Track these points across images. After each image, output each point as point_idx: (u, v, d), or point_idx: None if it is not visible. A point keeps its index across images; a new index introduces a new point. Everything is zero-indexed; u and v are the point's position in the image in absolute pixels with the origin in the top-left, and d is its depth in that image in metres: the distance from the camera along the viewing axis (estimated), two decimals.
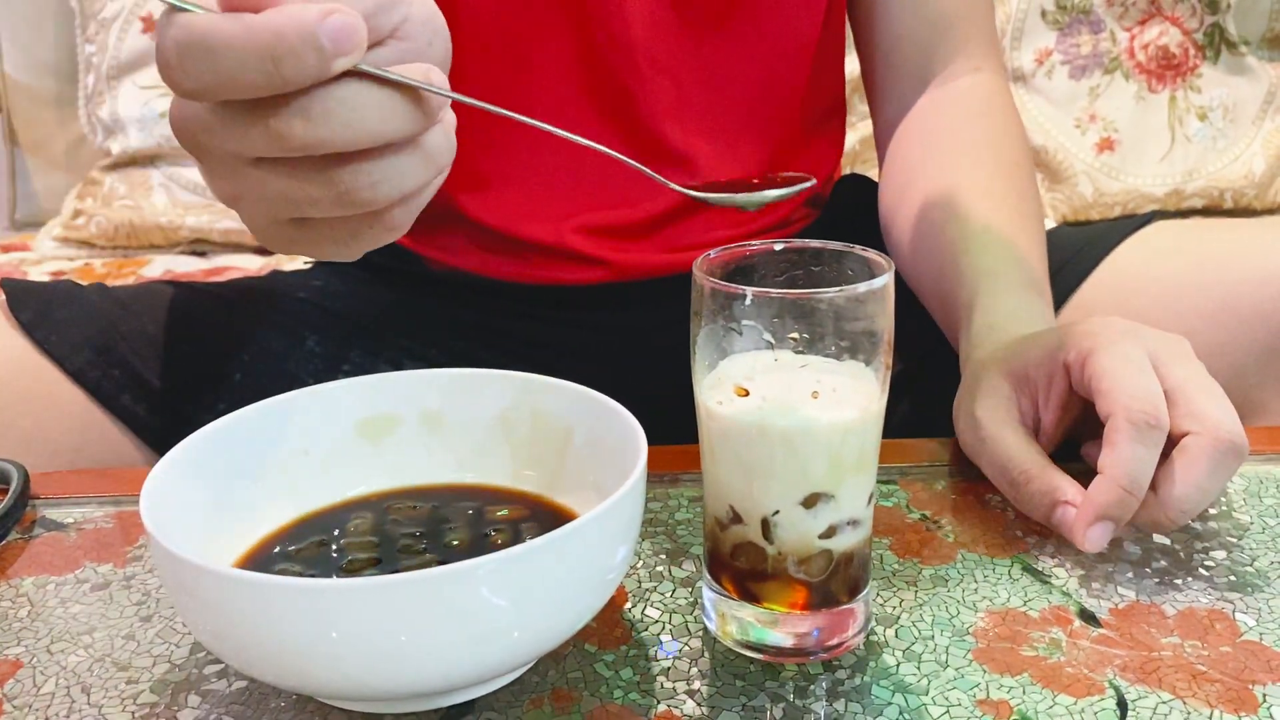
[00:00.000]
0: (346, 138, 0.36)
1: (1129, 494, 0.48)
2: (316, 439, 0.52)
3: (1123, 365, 0.50)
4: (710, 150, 0.77)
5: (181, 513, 0.45)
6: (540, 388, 0.52)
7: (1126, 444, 0.48)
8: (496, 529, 0.48)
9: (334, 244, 0.40)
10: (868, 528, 0.45)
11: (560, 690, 0.44)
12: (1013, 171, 0.70)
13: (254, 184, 0.38)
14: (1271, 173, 1.56)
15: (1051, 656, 0.45)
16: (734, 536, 0.44)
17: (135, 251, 1.50)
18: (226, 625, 0.39)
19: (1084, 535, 0.49)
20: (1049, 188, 1.57)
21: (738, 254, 0.44)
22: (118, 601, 0.51)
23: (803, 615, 0.45)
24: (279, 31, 0.34)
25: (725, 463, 0.44)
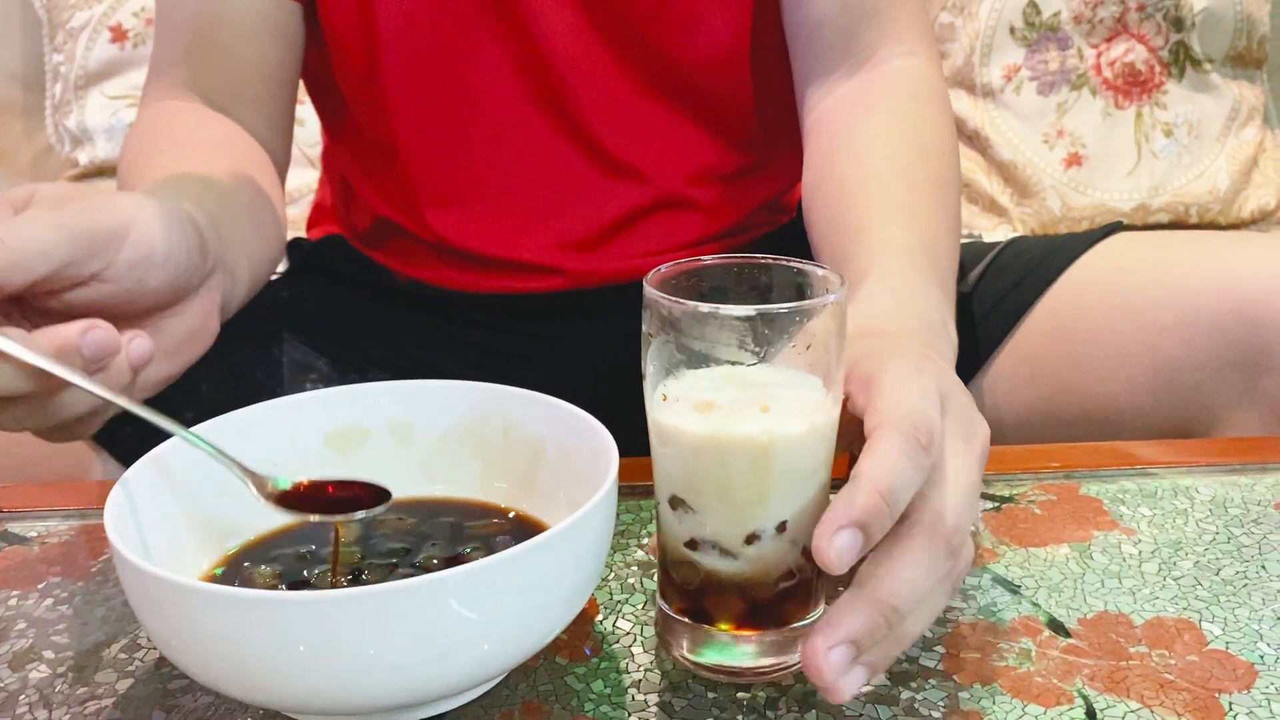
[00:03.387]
0: None
1: (885, 505, 0.39)
2: (286, 451, 0.51)
3: (908, 388, 0.43)
4: (662, 158, 0.77)
5: (147, 526, 0.44)
6: (512, 399, 0.52)
7: (891, 452, 0.40)
8: (475, 543, 0.48)
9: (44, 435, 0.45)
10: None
11: (531, 703, 0.44)
12: (933, 157, 0.67)
13: None
14: (1235, 188, 1.59)
15: (1021, 666, 0.45)
16: (679, 553, 0.44)
17: None
18: (192, 639, 0.39)
19: (829, 543, 0.39)
20: (1018, 202, 1.58)
21: (688, 268, 0.44)
22: (81, 615, 0.50)
23: (751, 635, 0.44)
24: None
25: (673, 477, 0.43)
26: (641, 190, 0.77)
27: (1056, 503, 0.58)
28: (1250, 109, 1.61)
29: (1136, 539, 0.55)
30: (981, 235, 1.55)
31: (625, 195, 0.77)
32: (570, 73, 0.73)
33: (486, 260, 0.78)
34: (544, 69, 0.72)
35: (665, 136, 0.76)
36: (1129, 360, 0.73)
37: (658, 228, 0.79)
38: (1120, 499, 0.58)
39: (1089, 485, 0.60)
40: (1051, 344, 0.77)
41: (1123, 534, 0.55)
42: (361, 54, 0.74)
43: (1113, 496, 0.59)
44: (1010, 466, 0.62)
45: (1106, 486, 0.60)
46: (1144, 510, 0.57)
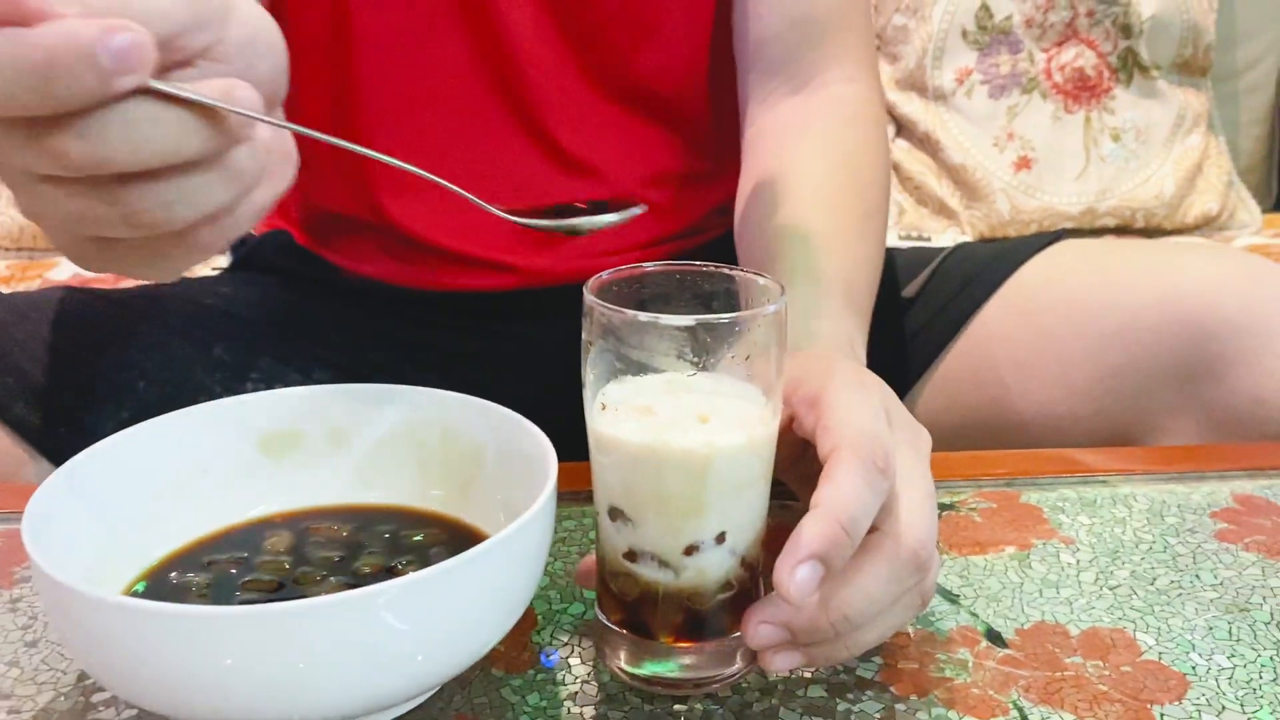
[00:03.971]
0: (129, 158, 0.34)
1: (846, 535, 0.40)
2: (217, 456, 0.50)
3: (858, 408, 0.43)
4: (619, 158, 0.76)
5: (69, 534, 0.43)
6: (451, 404, 0.51)
7: (849, 479, 0.40)
8: (410, 554, 0.47)
9: (141, 264, 0.38)
10: (757, 552, 0.44)
11: (465, 716, 0.43)
12: (863, 187, 0.69)
13: (48, 202, 0.36)
14: (1181, 194, 1.61)
15: (958, 678, 0.45)
16: (617, 564, 0.43)
17: (42, 254, 1.45)
18: (114, 656, 0.38)
19: (790, 576, 0.39)
20: (967, 205, 1.59)
21: (628, 275, 0.44)
22: (2, 625, 0.48)
23: (689, 646, 0.44)
24: (51, 50, 0.32)
25: (612, 487, 0.43)
26: (597, 189, 0.76)
27: (996, 510, 0.58)
28: (1195, 116, 1.63)
29: (1075, 548, 0.55)
30: (931, 238, 1.56)
31: (581, 193, 0.76)
32: (530, 69, 0.72)
33: (440, 252, 0.77)
34: (504, 63, 0.72)
35: (622, 138, 0.76)
36: (1070, 367, 0.74)
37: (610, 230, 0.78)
38: (1060, 507, 0.59)
39: (1029, 493, 0.60)
40: (995, 349, 0.77)
41: (1061, 542, 0.55)
42: (329, 35, 0.72)
43: (1052, 504, 0.59)
44: (952, 473, 0.62)
45: (1046, 494, 0.60)
46: (1083, 519, 0.58)
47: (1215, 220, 1.63)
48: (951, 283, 0.81)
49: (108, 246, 0.38)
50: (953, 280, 0.81)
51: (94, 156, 0.34)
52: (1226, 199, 1.64)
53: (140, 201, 0.35)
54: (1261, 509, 0.59)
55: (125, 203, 0.35)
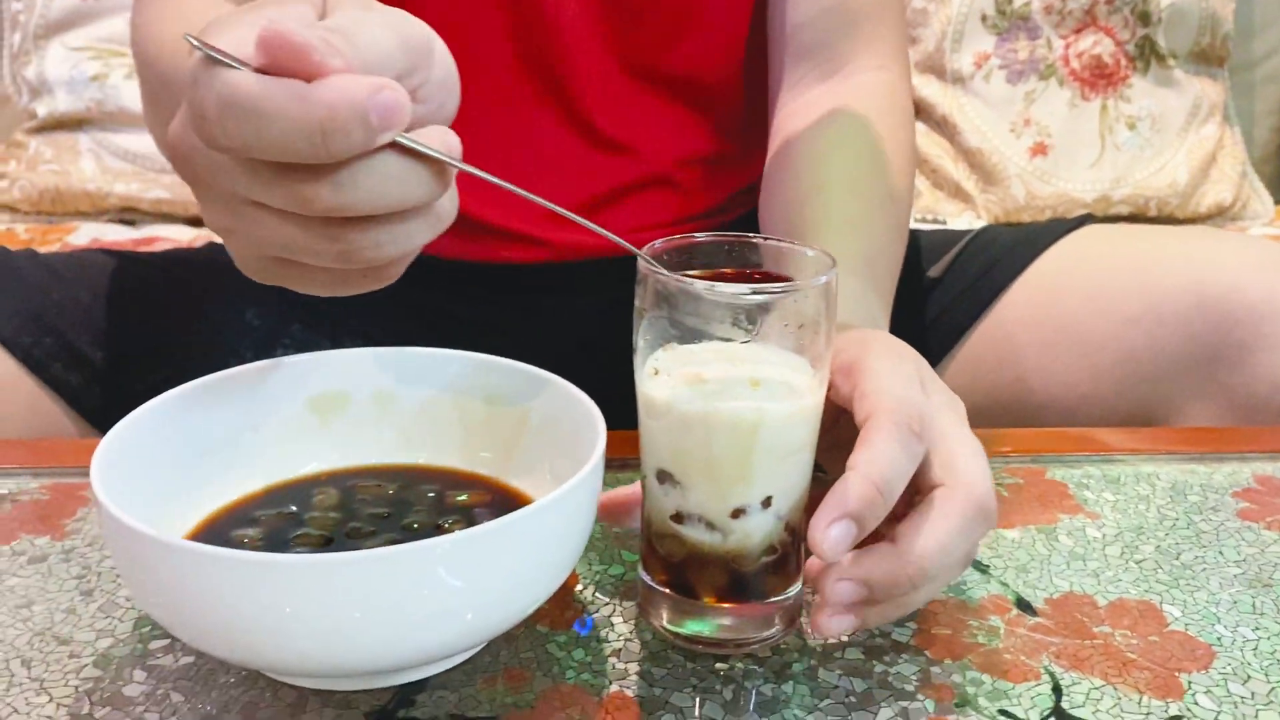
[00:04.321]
0: (370, 206, 0.36)
1: (880, 496, 0.41)
2: (267, 415, 0.51)
3: (893, 375, 0.44)
4: (652, 138, 0.77)
5: (131, 484, 0.44)
6: (496, 369, 0.52)
7: (884, 443, 0.42)
8: (456, 514, 0.48)
9: (318, 286, 0.40)
10: (800, 516, 0.45)
11: (513, 670, 0.44)
12: (888, 173, 0.70)
13: (252, 223, 0.38)
14: (1194, 183, 1.62)
15: (990, 643, 0.47)
16: (664, 526, 0.45)
17: (61, 218, 1.45)
18: (178, 598, 0.39)
19: (824, 534, 0.41)
20: (983, 189, 1.60)
21: (681, 244, 0.45)
22: (57, 575, 0.50)
23: (732, 607, 0.45)
24: (332, 107, 0.33)
25: (661, 451, 0.44)
26: (629, 167, 0.77)
27: (1024, 486, 0.60)
28: (1211, 105, 1.64)
29: (1100, 523, 0.56)
30: (946, 221, 1.57)
31: (612, 171, 0.77)
32: (569, 51, 0.73)
33: (472, 224, 0.78)
34: (541, 41, 0.72)
35: (656, 119, 0.77)
36: (1095, 349, 0.75)
37: (640, 205, 0.79)
38: (1085, 484, 0.60)
39: (1054, 470, 0.61)
40: (1018, 331, 0.78)
41: (1087, 518, 0.57)
42: None
43: (1077, 481, 0.60)
44: None
45: (1071, 471, 0.61)
46: (1108, 495, 0.59)
47: (1228, 210, 1.64)
48: (976, 265, 0.82)
49: (296, 268, 0.39)
50: (977, 262, 0.82)
51: (339, 204, 0.35)
52: (1240, 189, 1.64)
53: (359, 241, 0.37)
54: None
55: (345, 241, 0.37)
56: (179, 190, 1.44)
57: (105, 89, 1.43)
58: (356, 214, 0.36)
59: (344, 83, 0.34)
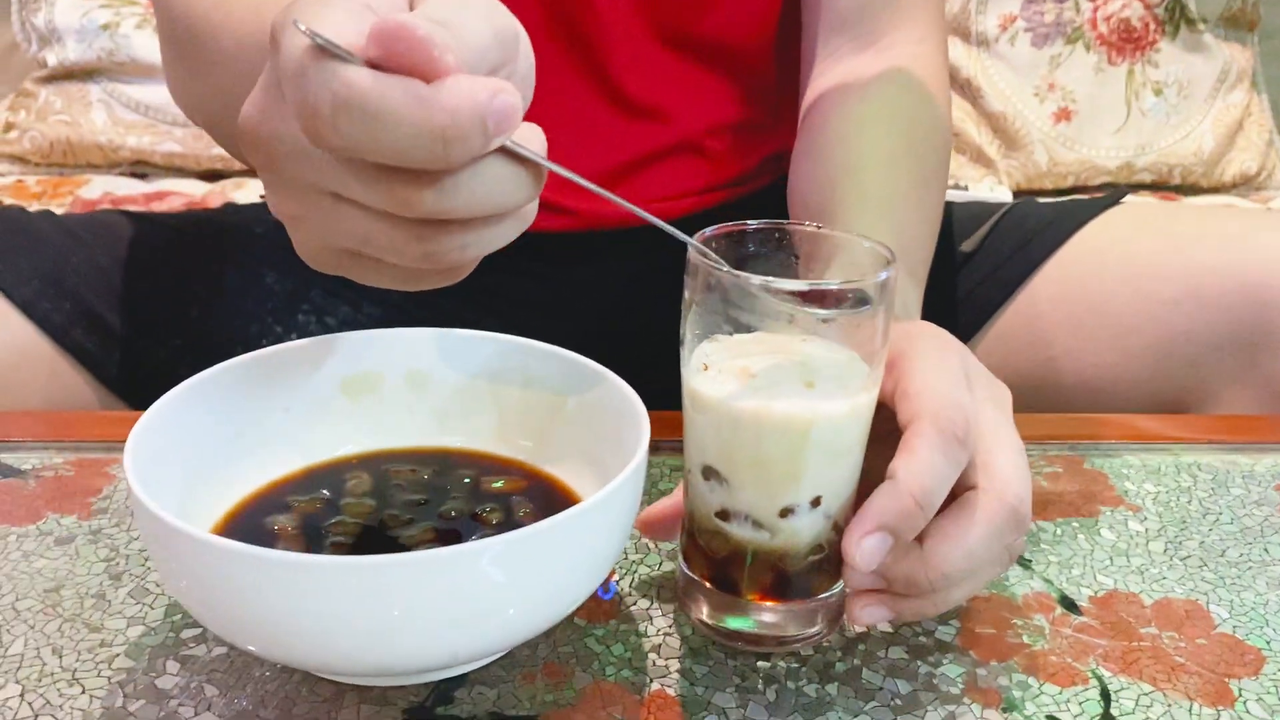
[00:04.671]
0: (471, 211, 0.34)
1: (919, 508, 0.40)
2: (298, 396, 0.50)
3: (938, 373, 0.43)
4: (682, 105, 0.76)
5: (164, 469, 0.43)
6: (533, 352, 0.51)
7: (927, 451, 0.40)
8: (493, 502, 0.47)
9: (390, 280, 0.38)
10: (849, 514, 0.43)
11: (552, 665, 0.44)
12: (924, 152, 0.68)
13: (329, 215, 0.35)
14: (1220, 151, 1.59)
15: (1036, 644, 0.46)
16: (709, 523, 0.44)
17: (72, 170, 1.43)
18: (212, 595, 0.38)
19: (857, 546, 0.40)
20: (1005, 154, 1.58)
21: (731, 230, 0.43)
22: (85, 557, 0.49)
23: (775, 605, 0.44)
24: (455, 112, 0.31)
25: (707, 447, 0.43)
26: (659, 134, 0.76)
27: (1062, 475, 0.59)
28: (1240, 72, 1.61)
29: (1142, 515, 0.55)
30: (968, 186, 1.55)
31: (642, 137, 0.75)
32: (597, 13, 0.71)
33: None
34: (571, 6, 0.70)
35: (686, 85, 0.75)
36: (1130, 331, 0.74)
37: (668, 172, 0.78)
38: (1124, 474, 0.59)
39: (1093, 458, 0.60)
40: (1054, 309, 0.77)
41: (1129, 510, 0.56)
42: None
43: (1117, 471, 0.59)
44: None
45: (1110, 460, 0.60)
46: (1148, 486, 0.58)
47: (1253, 180, 1.62)
48: (1010, 240, 0.80)
49: (367, 262, 0.37)
50: (1011, 238, 0.80)
51: (442, 209, 0.33)
52: (1266, 158, 1.62)
53: (447, 243, 0.35)
54: None
55: (434, 243, 0.35)
56: (191, 144, 1.42)
57: (116, 38, 1.40)
58: (455, 218, 0.34)
59: (465, 86, 0.32)
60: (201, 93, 0.65)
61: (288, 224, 0.38)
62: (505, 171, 0.34)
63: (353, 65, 0.32)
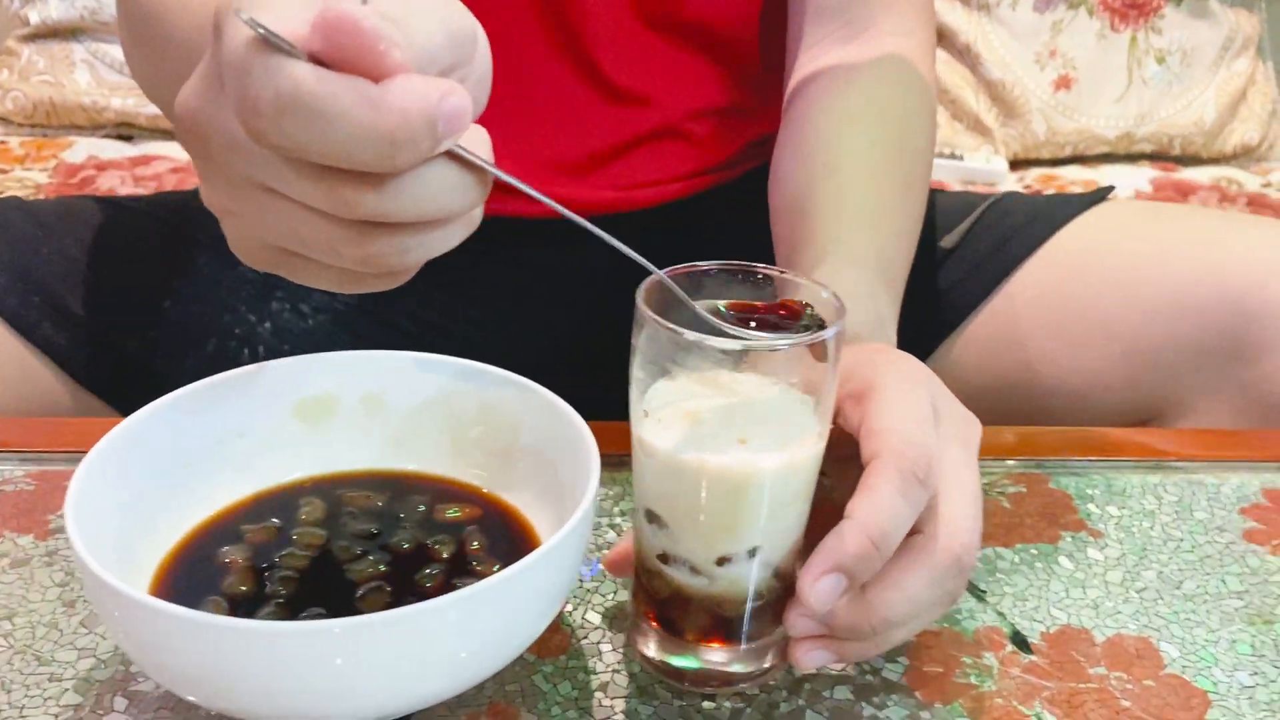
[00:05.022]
0: (413, 215, 0.33)
1: (875, 550, 0.40)
2: (252, 420, 0.50)
3: (904, 410, 0.42)
4: (665, 89, 0.74)
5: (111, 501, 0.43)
6: (489, 379, 0.50)
7: (887, 492, 0.40)
8: (444, 533, 0.47)
9: (326, 283, 0.37)
10: (792, 563, 0.43)
11: (498, 705, 0.44)
12: (908, 154, 0.67)
13: (264, 211, 0.34)
14: (1221, 121, 1.57)
15: (983, 685, 0.46)
16: (652, 564, 0.44)
17: (56, 131, 1.42)
18: (153, 654, 0.38)
19: (812, 587, 0.40)
20: (1003, 122, 1.55)
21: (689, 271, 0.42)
22: (39, 581, 0.49)
23: (717, 645, 0.44)
24: (405, 114, 0.30)
25: (650, 492, 0.43)
26: (641, 118, 0.75)
27: (1026, 496, 0.58)
28: (1245, 39, 1.58)
29: (1103, 542, 0.55)
30: (963, 156, 1.53)
31: (625, 122, 0.74)
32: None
33: None
34: None
35: (670, 70, 0.74)
36: (1109, 337, 0.73)
37: (650, 157, 0.77)
38: (1089, 495, 0.59)
39: (1060, 477, 0.60)
40: (1031, 312, 0.76)
41: (1090, 535, 0.56)
42: None
43: (1081, 491, 0.59)
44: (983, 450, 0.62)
45: (1076, 480, 0.60)
46: (1112, 509, 0.58)
47: (1254, 151, 1.60)
48: (991, 237, 0.79)
49: (302, 261, 0.36)
50: (992, 235, 0.79)
51: (383, 211, 0.33)
52: (1268, 129, 1.60)
53: (386, 247, 0.34)
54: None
55: (372, 246, 0.34)
56: None
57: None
58: (396, 221, 0.33)
59: (415, 86, 0.31)
60: (155, 77, 0.64)
61: (221, 218, 0.37)
62: (450, 176, 0.33)
63: (298, 61, 0.31)
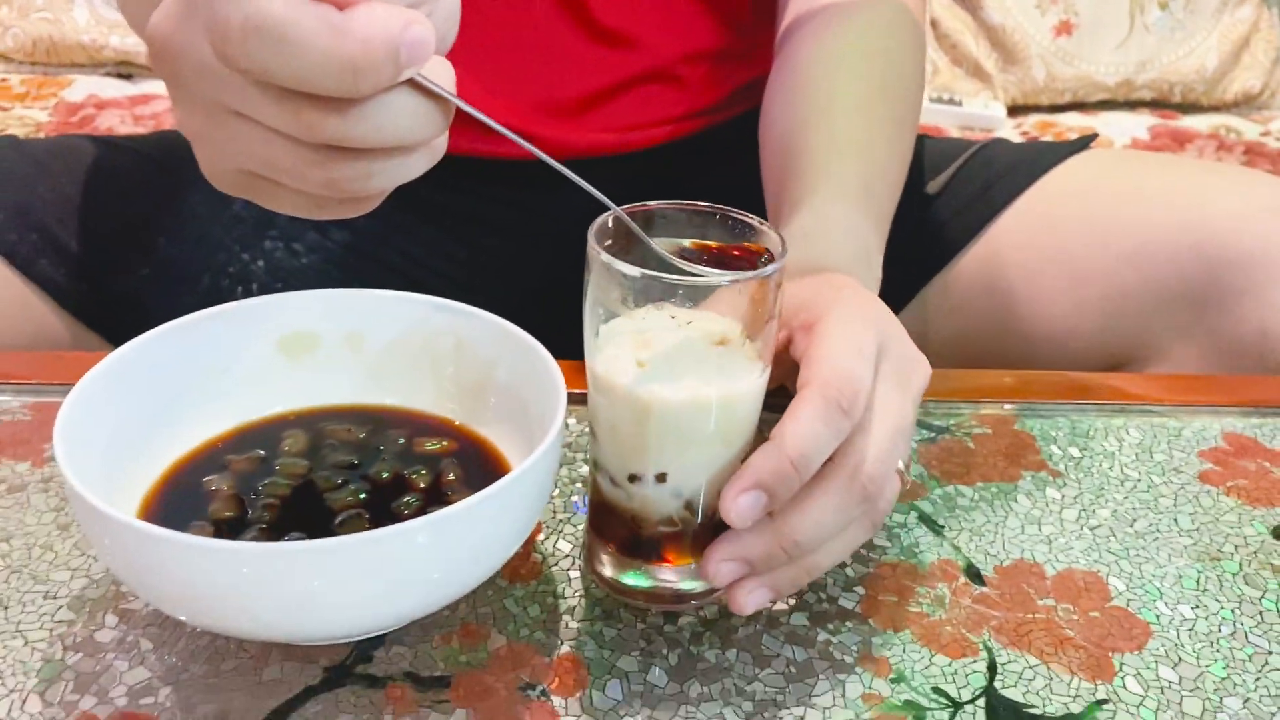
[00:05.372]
0: (374, 141, 0.35)
1: (794, 470, 0.42)
2: (238, 355, 0.51)
3: (844, 343, 0.44)
4: (655, 30, 0.75)
5: (97, 430, 0.45)
6: (465, 317, 0.52)
7: (809, 418, 0.42)
8: (422, 465, 0.49)
9: (294, 207, 0.38)
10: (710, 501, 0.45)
11: (470, 626, 0.46)
12: (898, 93, 0.68)
13: (233, 135, 0.36)
14: (1223, 69, 1.56)
15: (934, 614, 0.48)
16: (590, 470, 0.47)
17: (56, 70, 1.42)
18: (140, 575, 0.40)
19: (733, 502, 0.42)
20: (1003, 68, 1.55)
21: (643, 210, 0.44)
22: (34, 506, 0.51)
23: (669, 566, 0.47)
24: (367, 42, 0.32)
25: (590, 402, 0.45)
26: (630, 60, 0.75)
27: (990, 437, 0.60)
28: None
29: (1061, 482, 0.57)
30: (962, 101, 1.52)
31: (613, 64, 0.75)
32: None
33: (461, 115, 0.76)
34: None
35: (660, 11, 0.75)
36: (1083, 282, 0.74)
37: (639, 100, 0.77)
38: (1052, 436, 0.60)
39: (1025, 419, 0.62)
40: (1009, 256, 0.78)
41: (1049, 475, 0.57)
42: None
43: (1045, 433, 0.61)
44: (952, 392, 0.63)
45: (1041, 422, 0.62)
46: (1073, 451, 0.59)
47: (1255, 99, 1.59)
48: (974, 184, 0.80)
49: (270, 185, 0.37)
50: (975, 181, 0.80)
51: (344, 135, 0.34)
52: (1271, 77, 1.59)
53: (349, 171, 0.35)
54: (1249, 450, 0.60)
55: (335, 170, 0.35)
56: None
57: None
58: (358, 146, 0.35)
59: (379, 14, 0.32)
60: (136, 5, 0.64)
61: (192, 141, 0.38)
62: (412, 104, 0.35)
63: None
